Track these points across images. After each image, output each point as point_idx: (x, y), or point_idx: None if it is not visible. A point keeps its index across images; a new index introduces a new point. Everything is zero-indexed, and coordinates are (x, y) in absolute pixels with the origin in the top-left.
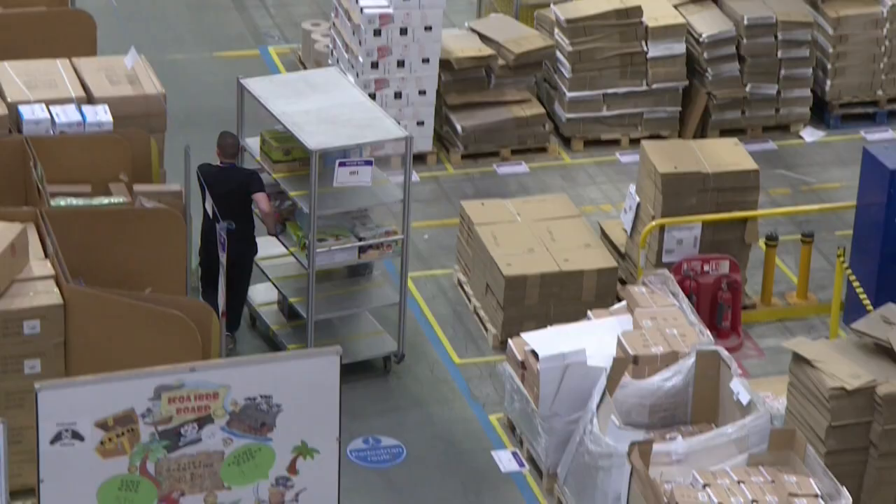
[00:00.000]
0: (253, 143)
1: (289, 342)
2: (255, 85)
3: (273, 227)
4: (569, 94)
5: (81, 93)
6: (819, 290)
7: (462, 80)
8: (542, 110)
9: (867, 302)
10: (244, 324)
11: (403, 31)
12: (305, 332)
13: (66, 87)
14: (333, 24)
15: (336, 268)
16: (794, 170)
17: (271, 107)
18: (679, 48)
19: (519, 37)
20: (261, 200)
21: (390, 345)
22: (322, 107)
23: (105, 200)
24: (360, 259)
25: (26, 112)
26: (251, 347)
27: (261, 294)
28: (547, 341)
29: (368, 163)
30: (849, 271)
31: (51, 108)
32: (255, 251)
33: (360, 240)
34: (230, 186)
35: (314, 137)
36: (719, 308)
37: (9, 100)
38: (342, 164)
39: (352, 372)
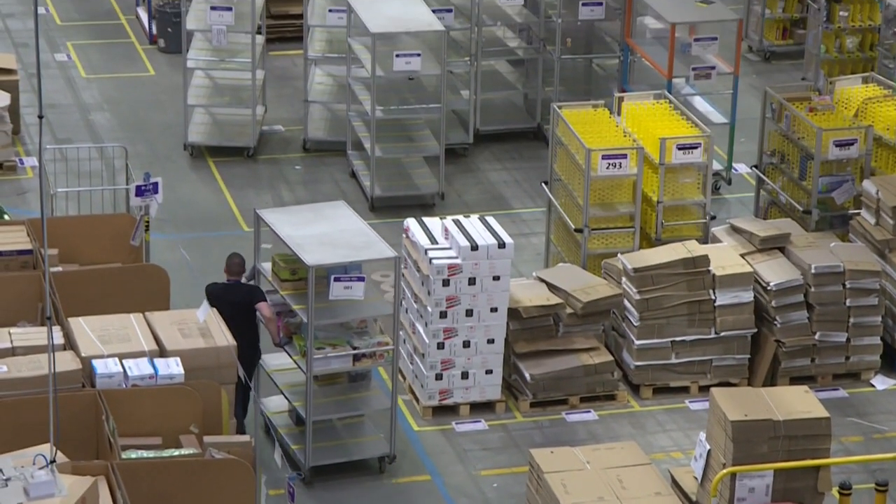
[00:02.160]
0: (267, 266)
1: (293, 443)
2: (269, 215)
3: (276, 333)
4: (637, 342)
5: (154, 346)
6: None
7: (530, 329)
8: (610, 358)
9: None
10: (259, 432)
11: (472, 281)
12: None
13: (139, 340)
14: (402, 274)
15: (338, 376)
16: (866, 418)
17: (279, 231)
18: (747, 296)
19: (586, 285)
20: (263, 308)
21: (384, 447)
22: (325, 232)
23: (175, 452)
24: (355, 366)
25: (99, 366)
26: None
27: (274, 403)
28: None
29: (361, 279)
30: None
31: (123, 361)
32: (259, 356)
33: (355, 349)
34: (235, 300)
35: (312, 255)
36: None
37: (83, 354)
38: (337, 279)
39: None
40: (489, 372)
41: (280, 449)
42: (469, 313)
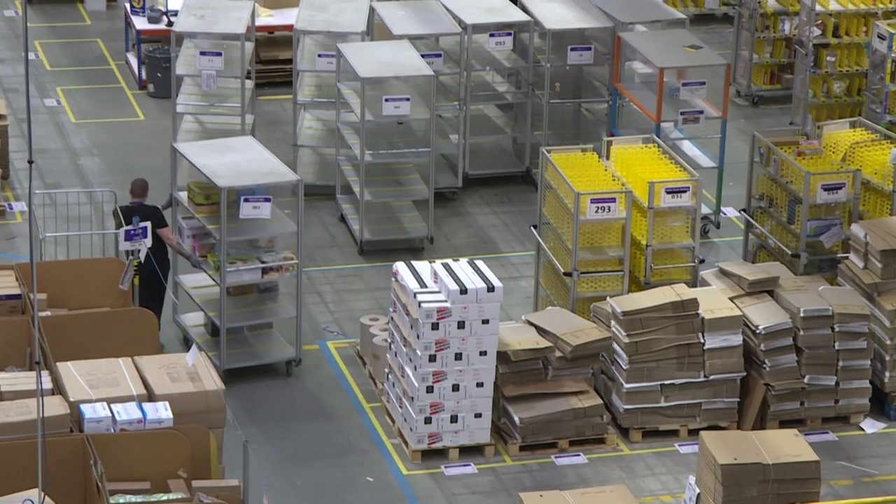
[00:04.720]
0: (183, 195)
1: (209, 350)
2: (183, 147)
3: (185, 252)
4: (626, 385)
5: (142, 390)
6: None
7: (519, 372)
8: (599, 401)
9: None
10: (177, 340)
11: (461, 325)
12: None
13: (127, 385)
14: (391, 318)
15: (249, 289)
16: (856, 461)
17: (194, 161)
18: (736, 339)
19: (576, 329)
20: (165, 234)
21: (290, 353)
22: (235, 161)
23: (163, 497)
24: (263, 279)
25: (88, 411)
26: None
27: (192, 319)
28: None
29: (268, 199)
30: None
31: (112, 405)
32: (168, 266)
33: (263, 263)
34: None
35: (224, 179)
36: None
37: (71, 399)
38: (246, 200)
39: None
40: (478, 415)
41: (269, 491)
42: (458, 357)
